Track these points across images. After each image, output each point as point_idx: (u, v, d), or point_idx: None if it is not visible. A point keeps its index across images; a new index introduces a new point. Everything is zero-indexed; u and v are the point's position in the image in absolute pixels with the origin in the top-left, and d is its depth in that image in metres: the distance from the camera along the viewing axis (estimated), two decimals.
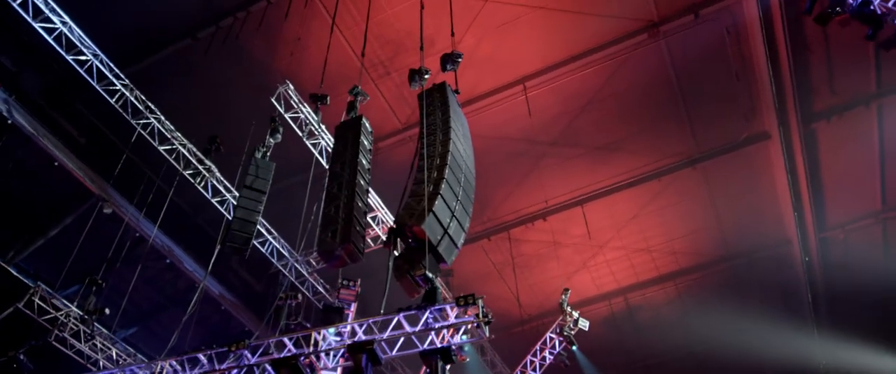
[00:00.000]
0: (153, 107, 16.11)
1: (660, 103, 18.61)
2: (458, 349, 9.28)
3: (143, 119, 15.95)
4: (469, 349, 19.70)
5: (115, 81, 15.49)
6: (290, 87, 15.69)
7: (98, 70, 15.24)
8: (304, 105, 15.94)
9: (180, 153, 16.42)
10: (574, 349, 18.66)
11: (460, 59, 12.15)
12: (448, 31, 13.05)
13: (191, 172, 16.61)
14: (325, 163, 16.10)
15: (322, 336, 10.32)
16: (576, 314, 18.66)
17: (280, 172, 14.63)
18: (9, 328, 14.90)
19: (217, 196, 17.03)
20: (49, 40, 14.58)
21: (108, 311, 14.72)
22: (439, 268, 9.22)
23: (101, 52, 15.30)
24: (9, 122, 15.47)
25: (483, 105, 18.55)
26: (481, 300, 8.78)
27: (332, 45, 14.77)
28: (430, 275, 8.70)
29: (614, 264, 22.88)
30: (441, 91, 11.27)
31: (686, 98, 18.44)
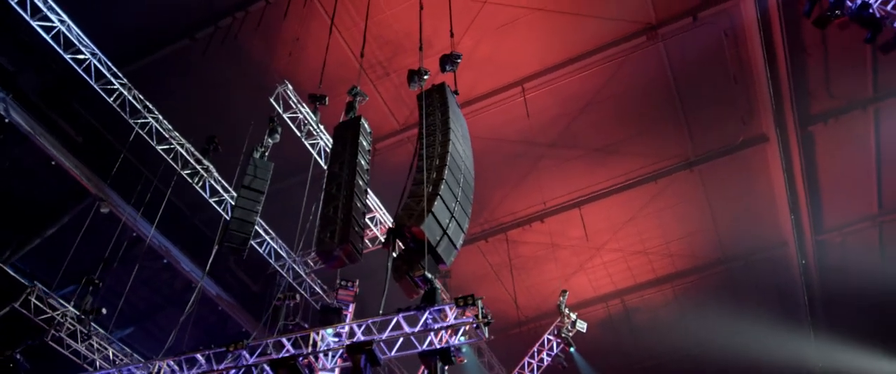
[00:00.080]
0: (151, 106, 16.06)
1: (658, 106, 18.63)
2: (456, 351, 9.24)
3: (141, 119, 15.91)
4: (467, 350, 19.67)
5: (113, 80, 15.44)
6: (289, 87, 15.66)
7: (96, 69, 15.20)
8: (303, 105, 15.92)
9: (178, 153, 16.37)
10: (572, 350, 18.69)
11: (459, 60, 12.14)
12: (446, 32, 13.04)
13: (189, 171, 16.57)
14: (323, 163, 16.07)
15: (321, 337, 10.30)
16: (574, 315, 18.69)
17: (278, 172, 14.59)
18: (5, 328, 14.85)
19: (215, 196, 16.99)
20: (47, 39, 14.52)
21: (104, 311, 14.69)
22: (438, 269, 9.22)
23: (99, 51, 15.26)
24: (6, 121, 15.44)
25: (481, 106, 18.54)
26: (481, 301, 8.76)
27: (330, 45, 14.75)
28: (429, 276, 8.69)
29: (611, 266, 22.89)
30: (440, 92, 11.26)
31: (684, 101, 18.46)
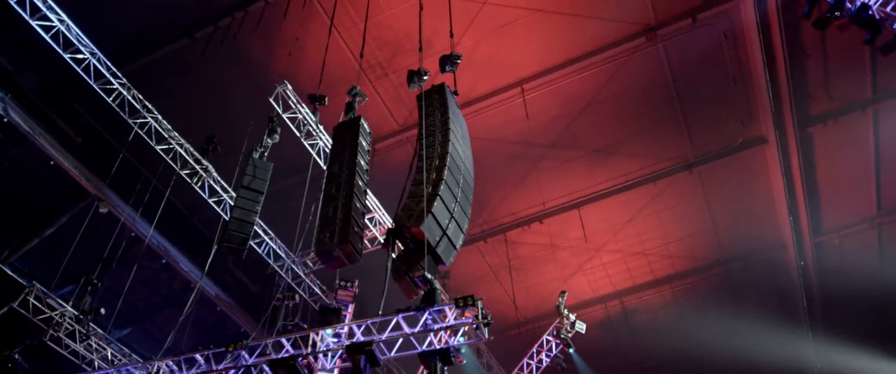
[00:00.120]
0: (150, 106, 16.03)
1: (657, 107, 18.63)
2: (455, 352, 9.22)
3: (140, 118, 15.88)
4: (466, 351, 19.66)
5: (112, 79, 15.41)
6: (289, 87, 15.64)
7: (95, 69, 15.16)
8: (303, 106, 15.90)
9: (177, 153, 16.34)
10: (571, 351, 18.68)
11: (459, 61, 12.12)
12: (446, 32, 13.02)
13: (188, 171, 16.54)
14: (322, 164, 16.06)
15: (320, 337, 10.28)
16: (573, 316, 18.68)
17: (277, 172, 14.58)
18: (4, 328, 14.81)
19: (214, 196, 16.97)
20: (46, 39, 14.49)
21: (103, 311, 14.66)
22: (438, 269, 9.20)
23: (98, 50, 15.23)
24: (5, 120, 15.41)
25: (481, 107, 18.53)
26: (481, 302, 8.75)
27: (329, 45, 14.72)
28: (429, 276, 8.67)
29: (610, 267, 22.89)
30: (440, 92, 11.25)
31: (683, 102, 18.46)
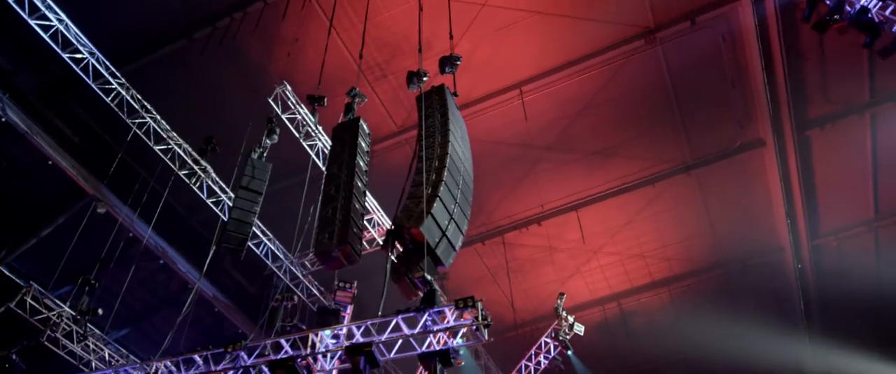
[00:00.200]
0: (149, 106, 16.00)
1: (655, 109, 18.65)
2: (454, 353, 9.21)
3: (138, 118, 15.84)
4: (464, 352, 19.67)
5: (111, 79, 15.37)
6: (288, 88, 15.63)
7: (94, 68, 15.12)
8: (301, 106, 15.88)
9: (176, 153, 16.30)
10: (569, 353, 18.67)
11: (459, 62, 12.13)
12: (445, 34, 13.03)
13: (186, 172, 16.51)
14: (321, 165, 16.04)
15: (319, 338, 10.26)
16: (571, 318, 18.67)
17: (276, 173, 14.56)
18: (1, 328, 14.77)
19: (212, 197, 16.94)
20: (45, 38, 14.45)
21: (100, 311, 14.61)
22: (437, 271, 9.19)
23: (97, 50, 15.20)
24: (3, 120, 15.37)
25: (479, 109, 18.53)
26: (480, 303, 8.74)
27: (328, 46, 14.72)
28: (428, 277, 8.66)
29: (608, 270, 22.90)
30: (440, 93, 11.25)
31: (681, 104, 18.49)
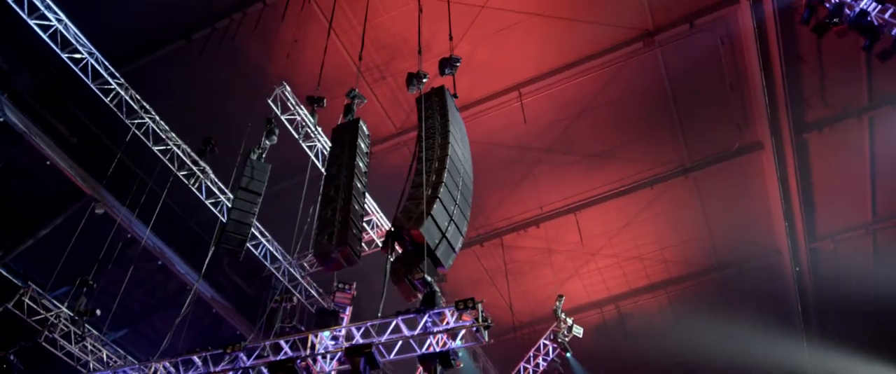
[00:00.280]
0: (148, 107, 15.97)
1: (654, 112, 18.69)
2: (454, 355, 9.20)
3: (137, 119, 15.80)
4: (463, 354, 19.63)
5: (110, 79, 15.32)
6: (287, 89, 15.62)
7: (93, 69, 15.07)
8: (301, 107, 15.87)
9: (175, 154, 16.27)
10: (568, 355, 18.65)
11: (458, 64, 12.14)
12: (444, 36, 13.06)
13: (185, 173, 16.47)
14: (321, 166, 16.03)
15: (319, 339, 10.24)
16: (570, 320, 18.66)
17: (275, 174, 14.55)
18: None
19: (211, 198, 16.91)
20: (44, 38, 14.41)
21: (98, 312, 14.57)
22: (437, 272, 9.18)
23: (96, 50, 15.16)
24: (1, 120, 15.33)
25: (478, 111, 18.55)
26: (481, 304, 8.73)
27: (328, 48, 14.72)
28: (429, 279, 8.65)
29: (606, 272, 22.92)
30: (440, 95, 11.26)
31: (680, 107, 18.53)
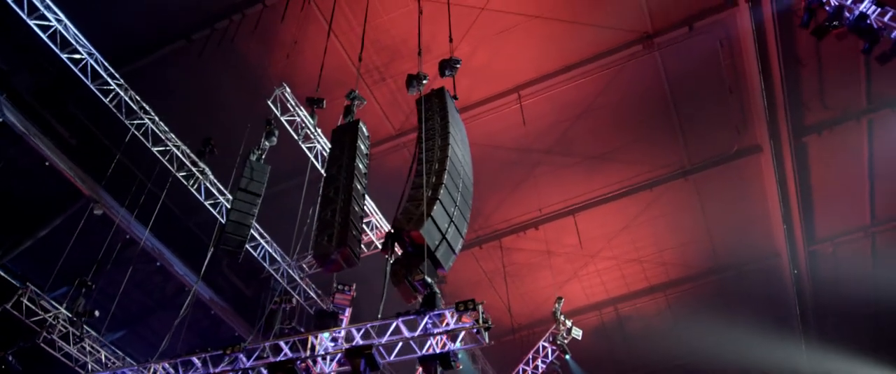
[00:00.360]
0: (147, 107, 15.94)
1: (653, 114, 18.71)
2: (453, 356, 9.19)
3: (136, 119, 15.76)
4: (462, 356, 19.61)
5: (109, 80, 15.29)
6: (287, 90, 15.61)
7: (92, 69, 15.04)
8: (300, 108, 15.85)
9: (174, 155, 16.24)
10: (567, 358, 18.64)
11: (458, 65, 12.15)
12: (443, 38, 13.07)
13: (184, 174, 16.45)
14: (320, 167, 16.01)
15: (318, 340, 10.23)
16: (569, 322, 18.65)
17: (275, 175, 14.52)
18: None
19: (210, 199, 16.88)
20: (43, 38, 14.38)
21: (97, 313, 14.54)
22: (437, 274, 9.18)
23: (95, 50, 15.14)
24: (0, 120, 15.31)
25: (477, 113, 18.55)
26: (481, 306, 8.73)
27: (327, 49, 14.72)
28: (429, 280, 8.65)
29: (605, 274, 22.92)
30: (440, 96, 11.26)
31: (679, 109, 18.55)
